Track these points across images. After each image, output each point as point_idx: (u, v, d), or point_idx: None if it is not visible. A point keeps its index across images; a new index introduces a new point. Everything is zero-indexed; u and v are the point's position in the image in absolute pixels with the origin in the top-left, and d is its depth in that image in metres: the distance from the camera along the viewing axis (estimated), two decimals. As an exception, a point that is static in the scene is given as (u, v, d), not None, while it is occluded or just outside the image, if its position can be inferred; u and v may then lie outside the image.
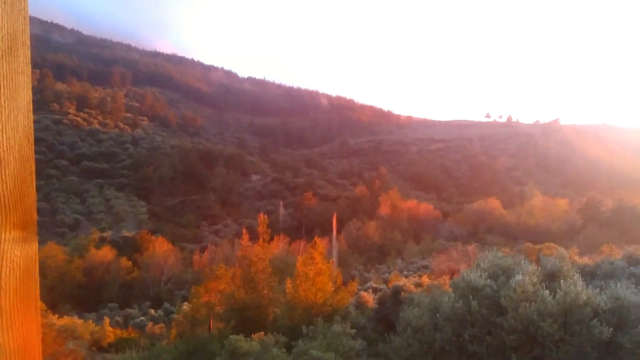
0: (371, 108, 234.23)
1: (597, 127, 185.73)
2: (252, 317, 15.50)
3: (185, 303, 21.43)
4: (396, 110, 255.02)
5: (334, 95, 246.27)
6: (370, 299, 20.93)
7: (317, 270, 14.72)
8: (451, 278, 17.71)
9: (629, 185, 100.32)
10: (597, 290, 7.40)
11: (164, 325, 26.27)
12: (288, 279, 15.46)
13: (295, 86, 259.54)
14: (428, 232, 69.45)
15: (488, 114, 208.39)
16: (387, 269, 45.93)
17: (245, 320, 15.33)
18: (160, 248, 45.89)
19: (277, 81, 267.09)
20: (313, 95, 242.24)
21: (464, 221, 75.65)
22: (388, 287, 20.94)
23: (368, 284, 28.08)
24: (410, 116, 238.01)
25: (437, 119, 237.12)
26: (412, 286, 19.64)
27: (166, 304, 34.08)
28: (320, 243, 16.49)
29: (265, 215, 17.74)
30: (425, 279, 24.60)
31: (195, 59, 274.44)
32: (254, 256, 16.44)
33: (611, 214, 69.63)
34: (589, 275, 12.04)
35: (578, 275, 7.60)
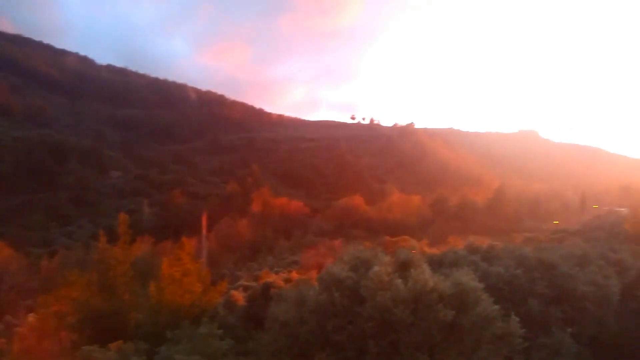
0: (242, 105, 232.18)
1: (446, 131, 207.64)
2: (111, 325, 14.39)
3: (32, 314, 19.06)
4: (268, 109, 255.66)
5: (203, 90, 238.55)
6: (240, 297, 20.79)
7: (184, 271, 14.19)
8: (319, 272, 18.39)
9: (471, 183, 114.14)
10: (443, 277, 8.28)
11: (5, 340, 23.11)
12: (152, 282, 14.65)
13: (161, 77, 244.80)
14: (298, 229, 71.17)
15: (353, 115, 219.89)
16: (258, 267, 46.02)
17: (104, 329, 14.19)
18: (0, 253, 40.21)
19: (141, 71, 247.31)
20: (181, 88, 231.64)
21: (332, 217, 79.17)
22: (258, 285, 21.03)
23: (239, 283, 27.84)
24: (281, 115, 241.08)
25: (307, 119, 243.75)
26: (282, 282, 20.01)
27: (8, 316, 29.97)
28: (189, 243, 15.92)
29: (127, 215, 16.58)
30: (294, 275, 25.23)
31: (45, 42, 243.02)
32: (112, 259, 15.28)
33: (456, 209, 78.67)
34: (437, 264, 13.43)
35: (426, 264, 8.44)
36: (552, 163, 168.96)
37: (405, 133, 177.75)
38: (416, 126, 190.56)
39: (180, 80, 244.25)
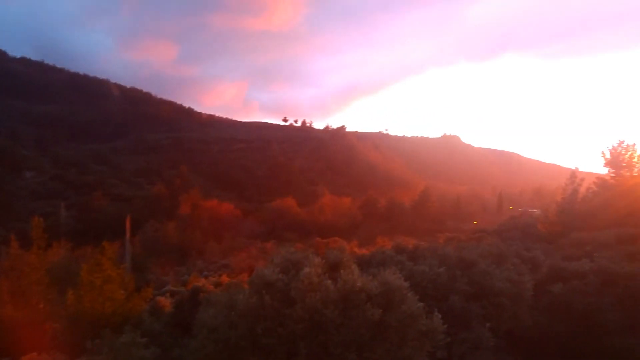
0: (170, 104, 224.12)
1: (375, 134, 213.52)
2: (24, 336, 13.39)
3: None
4: (197, 108, 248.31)
5: (127, 87, 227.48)
6: (167, 303, 20.07)
7: (105, 278, 13.50)
8: (250, 275, 18.17)
9: (399, 185, 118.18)
10: (371, 277, 8.51)
11: None
12: (70, 289, 13.80)
13: (81, 72, 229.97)
14: (229, 231, 69.97)
15: (285, 118, 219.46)
16: (186, 271, 44.67)
17: (16, 340, 13.17)
18: None
19: (60, 65, 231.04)
20: (103, 84, 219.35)
21: (264, 219, 78.68)
22: (186, 290, 20.43)
23: (165, 288, 26.86)
24: (212, 115, 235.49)
25: (239, 120, 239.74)
26: (212, 286, 19.58)
27: None
28: (111, 247, 15.16)
29: (42, 218, 15.51)
30: (224, 278, 24.77)
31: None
32: (26, 266, 14.24)
33: (385, 210, 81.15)
34: (366, 264, 13.79)
35: (356, 264, 8.64)
36: (472, 166, 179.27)
37: (336, 136, 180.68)
38: (347, 129, 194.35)
39: (102, 75, 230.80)
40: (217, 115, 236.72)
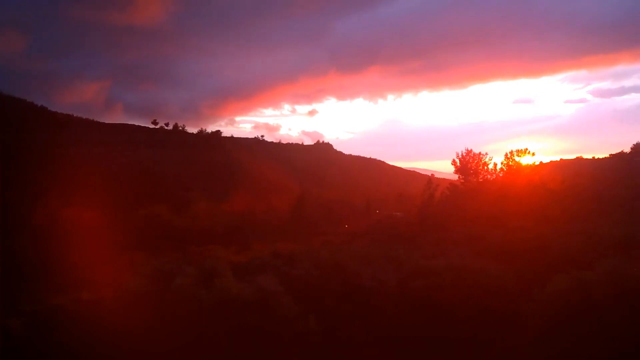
0: (20, 101, 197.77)
1: (251, 140, 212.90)
2: None
3: None
4: (52, 107, 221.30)
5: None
6: (17, 324, 17.88)
7: None
8: (117, 289, 16.95)
9: (275, 191, 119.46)
10: (247, 283, 8.53)
11: None
12: None
13: None
14: (90, 242, 64.13)
15: (155, 120, 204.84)
16: (41, 288, 39.99)
17: None
18: None
19: None
20: None
21: (132, 229, 73.48)
22: (42, 309, 18.39)
23: (16, 308, 23.83)
24: (69, 114, 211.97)
25: (101, 121, 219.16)
26: (71, 304, 17.92)
27: None
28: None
29: None
30: (85, 295, 22.74)
31: None
32: None
33: (262, 216, 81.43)
34: (243, 270, 13.77)
35: (232, 272, 8.58)
36: (343, 173, 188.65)
37: (211, 141, 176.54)
38: (222, 134, 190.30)
39: None
40: (75, 115, 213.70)
